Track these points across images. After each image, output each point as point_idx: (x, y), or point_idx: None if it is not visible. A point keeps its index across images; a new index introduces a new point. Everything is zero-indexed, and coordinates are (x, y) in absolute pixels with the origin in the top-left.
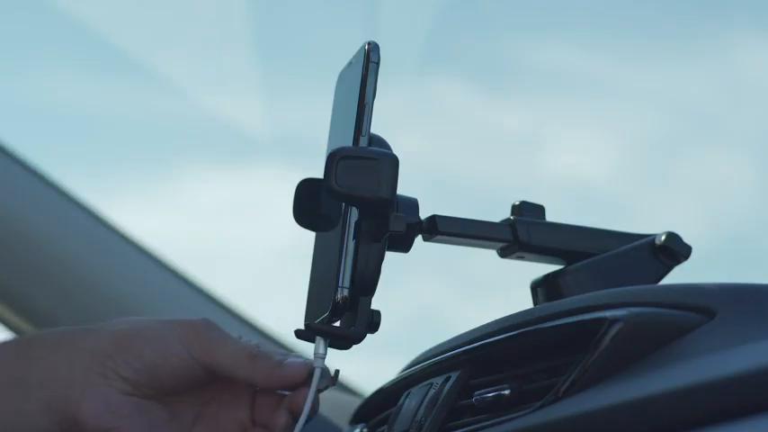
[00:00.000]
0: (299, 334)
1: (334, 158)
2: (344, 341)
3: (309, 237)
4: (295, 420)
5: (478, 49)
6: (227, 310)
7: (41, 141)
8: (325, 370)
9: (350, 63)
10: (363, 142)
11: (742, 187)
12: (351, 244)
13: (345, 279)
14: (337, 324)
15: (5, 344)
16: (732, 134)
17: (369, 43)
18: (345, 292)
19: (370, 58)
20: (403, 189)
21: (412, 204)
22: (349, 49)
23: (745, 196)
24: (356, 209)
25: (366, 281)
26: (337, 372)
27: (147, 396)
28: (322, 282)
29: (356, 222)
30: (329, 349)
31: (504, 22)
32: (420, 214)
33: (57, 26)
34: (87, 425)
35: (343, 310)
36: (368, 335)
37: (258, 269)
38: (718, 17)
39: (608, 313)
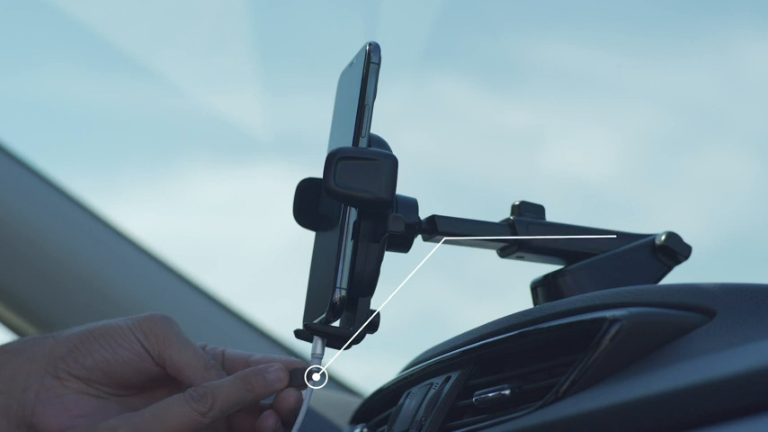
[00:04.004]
0: (298, 334)
1: (333, 159)
2: (343, 341)
3: (309, 236)
4: (289, 425)
5: (480, 47)
6: (227, 311)
7: (41, 140)
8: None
9: (351, 63)
10: (363, 143)
11: (742, 187)
12: (349, 244)
13: (343, 279)
14: (336, 324)
15: None
16: (733, 133)
17: (370, 44)
18: (343, 293)
19: (370, 59)
20: (403, 187)
21: (411, 204)
22: (350, 49)
23: (745, 196)
24: (355, 209)
25: (365, 281)
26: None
27: (104, 394)
28: (321, 282)
29: (355, 222)
30: (328, 349)
31: (506, 19)
32: (420, 214)
33: (57, 26)
34: (43, 427)
35: (340, 311)
36: (367, 335)
37: (258, 268)
38: (720, 14)
39: (608, 313)
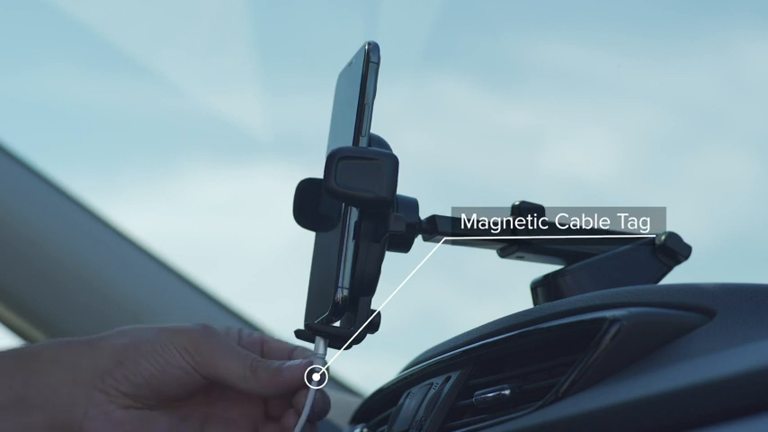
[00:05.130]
0: (298, 334)
1: (333, 158)
2: (344, 341)
3: (309, 236)
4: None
5: (480, 47)
6: (227, 310)
7: (41, 140)
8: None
9: (350, 63)
10: (363, 142)
11: (742, 187)
12: (350, 244)
13: (345, 279)
14: (337, 324)
15: (3, 357)
16: (733, 133)
17: (369, 43)
18: (345, 293)
19: (369, 59)
20: (404, 187)
21: (412, 204)
22: (350, 49)
23: (745, 196)
24: (356, 209)
25: (366, 281)
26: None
27: (150, 407)
28: (322, 282)
29: (356, 222)
30: (329, 349)
31: (506, 19)
32: (420, 214)
33: (57, 26)
34: None
35: (342, 311)
36: (368, 335)
37: (258, 268)
38: (720, 14)
39: (608, 313)
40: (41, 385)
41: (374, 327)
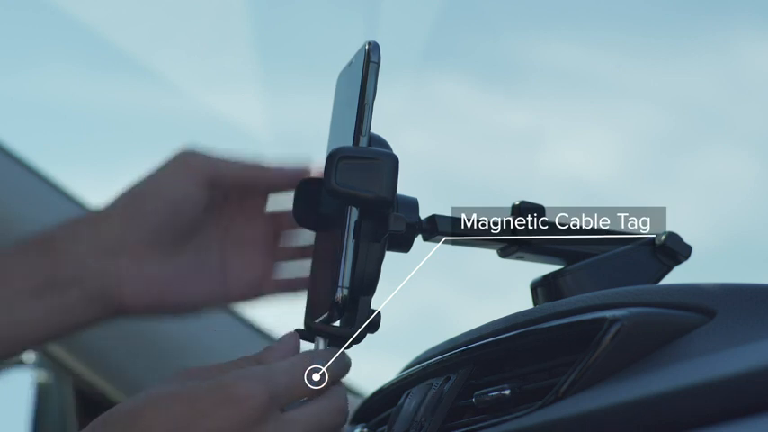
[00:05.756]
0: (299, 334)
1: (334, 158)
2: (344, 341)
3: (309, 236)
4: None
5: (480, 47)
6: (226, 310)
7: (41, 140)
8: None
9: (350, 63)
10: (363, 142)
11: (742, 187)
12: (351, 244)
13: (345, 279)
14: (337, 324)
15: (26, 247)
16: (733, 133)
17: (369, 43)
18: (345, 292)
19: (370, 58)
20: (404, 187)
21: (412, 204)
22: (350, 49)
23: (745, 196)
24: (356, 209)
25: (366, 281)
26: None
27: (172, 254)
28: (322, 281)
29: (356, 222)
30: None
31: (506, 19)
32: (420, 214)
33: (57, 26)
34: (131, 306)
35: (342, 310)
36: (368, 335)
37: None
38: (720, 14)
39: (608, 313)
40: (70, 263)
41: (374, 326)
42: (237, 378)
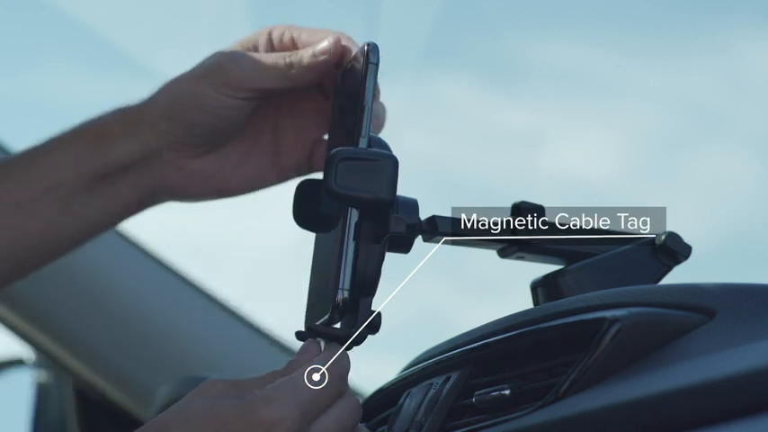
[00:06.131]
0: (299, 336)
1: (334, 160)
2: (344, 343)
3: (309, 237)
4: None
5: (480, 47)
6: (226, 310)
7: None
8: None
9: (349, 64)
10: (363, 143)
11: (742, 187)
12: (351, 245)
13: (346, 281)
14: (338, 326)
15: (68, 140)
16: (733, 133)
17: (368, 44)
18: (346, 294)
19: (369, 59)
20: (404, 187)
21: (412, 205)
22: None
23: (745, 196)
24: (356, 210)
25: (366, 282)
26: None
27: (219, 146)
28: (322, 283)
29: (356, 224)
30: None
31: (506, 19)
32: (420, 214)
33: (57, 26)
34: (183, 194)
35: (343, 312)
36: (369, 336)
37: (258, 269)
38: (720, 14)
39: (608, 313)
40: (119, 156)
41: (375, 327)
42: (268, 401)
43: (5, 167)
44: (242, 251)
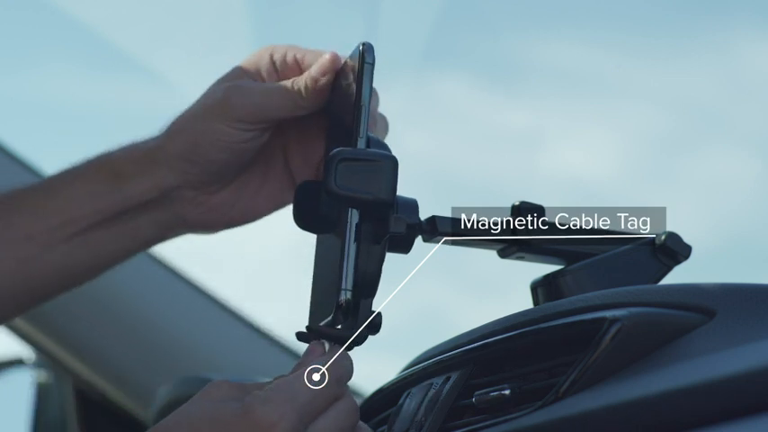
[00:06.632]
0: (300, 336)
1: (333, 160)
2: (344, 343)
3: (310, 238)
4: None
5: (480, 47)
6: (226, 310)
7: (41, 140)
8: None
9: (344, 64)
10: (361, 144)
11: (742, 187)
12: (352, 246)
13: (348, 281)
14: (339, 327)
15: (85, 175)
16: (733, 133)
17: (363, 44)
18: (348, 295)
19: (364, 59)
20: (404, 187)
21: (412, 205)
22: (350, 48)
23: (745, 196)
24: (356, 211)
25: (367, 283)
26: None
27: (232, 181)
28: (324, 284)
29: (357, 224)
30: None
31: (506, 19)
32: (420, 214)
33: (57, 26)
34: (200, 227)
35: (347, 313)
36: (370, 336)
37: (259, 269)
38: (720, 14)
39: (608, 313)
40: (136, 195)
41: (375, 328)
42: (265, 402)
43: (15, 199)
44: (242, 251)
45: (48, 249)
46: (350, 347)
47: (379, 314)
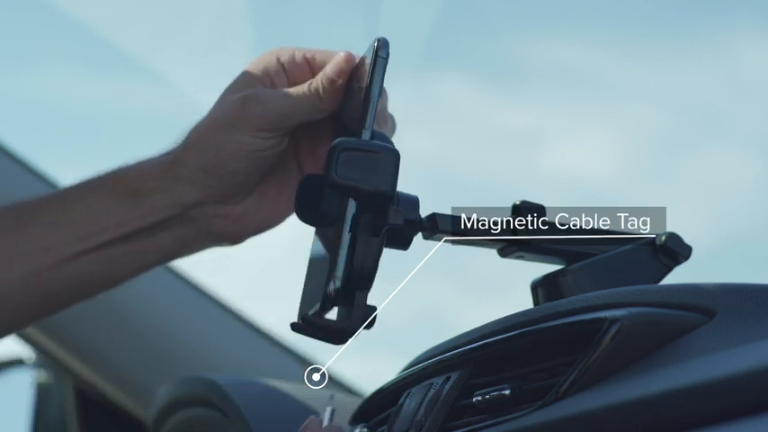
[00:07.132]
0: (294, 327)
1: (336, 150)
2: (338, 334)
3: (311, 238)
4: None
5: (480, 47)
6: (227, 311)
7: (41, 140)
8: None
9: (360, 60)
10: (366, 135)
11: (742, 187)
12: (347, 236)
13: (338, 270)
14: (334, 318)
15: (104, 191)
16: (733, 133)
17: (378, 39)
18: (338, 284)
19: (378, 54)
20: (404, 187)
21: (412, 202)
22: (350, 48)
23: (745, 196)
24: (355, 201)
25: (363, 275)
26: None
27: (258, 186)
28: (317, 275)
29: (354, 215)
30: (327, 345)
31: (506, 19)
32: (421, 213)
33: (57, 26)
34: (223, 238)
35: (334, 302)
36: (365, 331)
37: (259, 269)
38: (720, 14)
39: (608, 313)
40: (156, 212)
41: (369, 323)
42: None
43: (30, 210)
44: (242, 251)
45: (64, 262)
46: (343, 340)
47: (374, 308)
